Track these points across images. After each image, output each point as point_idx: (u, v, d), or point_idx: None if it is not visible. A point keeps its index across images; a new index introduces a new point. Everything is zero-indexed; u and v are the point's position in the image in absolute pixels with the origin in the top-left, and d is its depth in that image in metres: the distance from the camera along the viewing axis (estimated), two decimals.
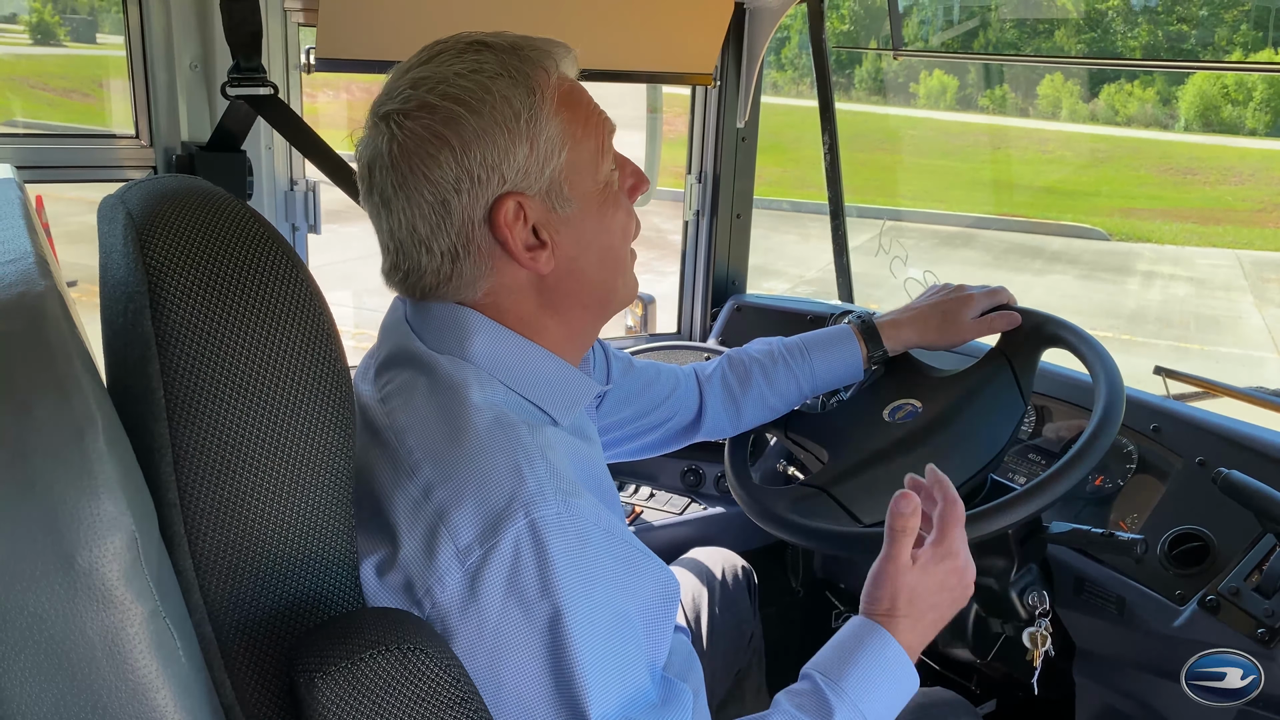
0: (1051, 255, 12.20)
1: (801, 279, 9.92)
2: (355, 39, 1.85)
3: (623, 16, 2.04)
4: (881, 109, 19.18)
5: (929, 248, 12.34)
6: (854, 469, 1.52)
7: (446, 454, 0.94)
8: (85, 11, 14.33)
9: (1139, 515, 1.62)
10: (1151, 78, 18.61)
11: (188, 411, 0.79)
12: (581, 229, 1.05)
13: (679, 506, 2.10)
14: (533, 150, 1.00)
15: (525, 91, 1.00)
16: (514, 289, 1.05)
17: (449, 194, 0.99)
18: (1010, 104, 20.04)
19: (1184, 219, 14.31)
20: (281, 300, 0.83)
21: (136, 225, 0.83)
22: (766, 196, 12.33)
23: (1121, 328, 9.17)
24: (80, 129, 11.61)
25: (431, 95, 0.98)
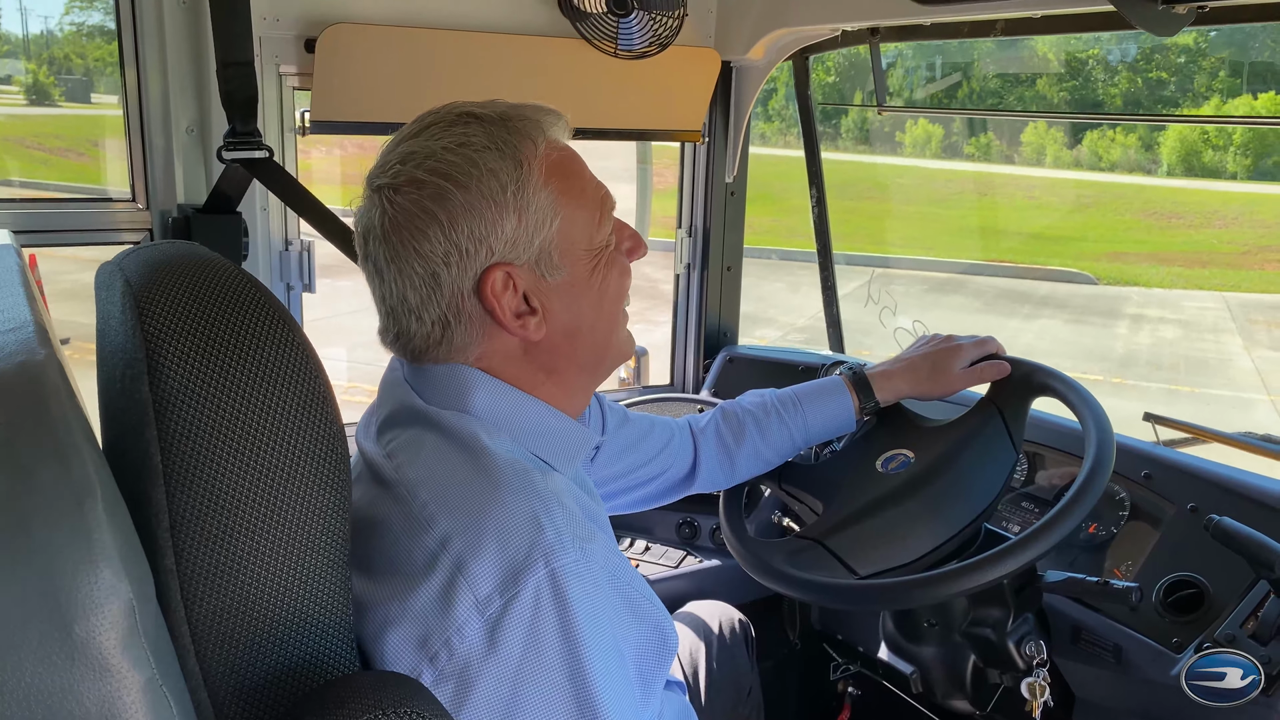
0: (1040, 300, 12.28)
1: (793, 327, 9.96)
2: (348, 102, 1.88)
3: (613, 76, 2.08)
4: (868, 158, 19.41)
5: (918, 294, 12.42)
6: (848, 520, 1.52)
7: (463, 504, 0.94)
8: (80, 72, 14.49)
9: (1133, 562, 1.62)
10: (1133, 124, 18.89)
11: (185, 477, 0.80)
12: (574, 294, 1.07)
13: (675, 559, 2.09)
14: (521, 221, 1.02)
15: (513, 164, 1.01)
16: (505, 354, 1.06)
17: (438, 267, 1.00)
18: (995, 151, 20.30)
19: (1170, 262, 14.43)
20: (278, 366, 0.84)
21: (134, 293, 0.85)
22: (757, 246, 12.42)
23: (1112, 371, 9.21)
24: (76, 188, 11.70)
25: (420, 171, 1.00)
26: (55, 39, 14.47)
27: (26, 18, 15.02)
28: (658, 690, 1.07)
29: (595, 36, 1.94)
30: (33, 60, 14.12)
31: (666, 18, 1.94)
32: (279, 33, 1.82)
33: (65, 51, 14.21)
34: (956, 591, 1.35)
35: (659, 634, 1.03)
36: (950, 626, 1.60)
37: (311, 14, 1.83)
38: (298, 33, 1.84)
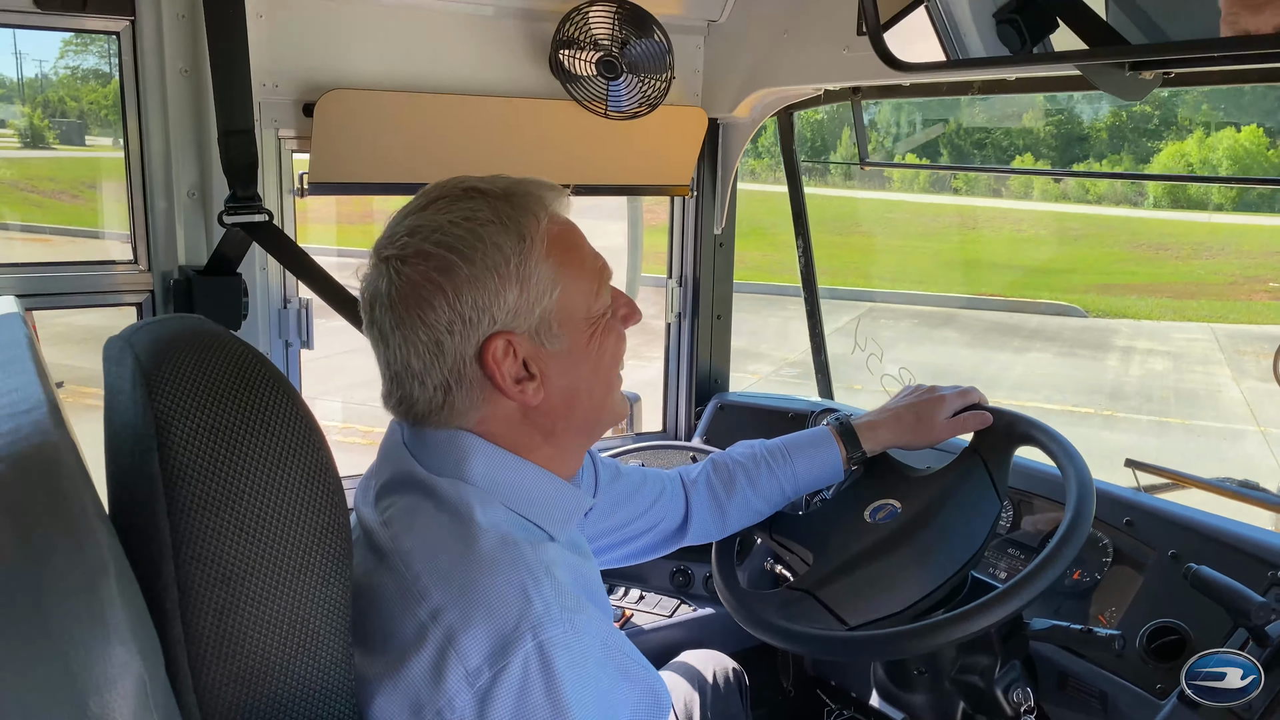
0: (1030, 333, 12.36)
1: (785, 361, 10.02)
2: (345, 164, 1.93)
3: (604, 135, 2.14)
4: (858, 193, 19.57)
5: (909, 328, 12.50)
6: (838, 571, 1.55)
7: (454, 577, 0.97)
8: (74, 115, 14.57)
9: (1117, 608, 1.65)
10: (1119, 157, 19.09)
11: (193, 550, 0.83)
12: (571, 361, 1.11)
13: (669, 608, 2.12)
14: (523, 292, 1.06)
15: (516, 238, 1.06)
16: (504, 418, 1.10)
17: (442, 334, 1.05)
18: (983, 185, 20.49)
19: (1158, 294, 14.55)
20: (282, 441, 0.87)
21: (144, 369, 0.88)
22: (748, 281, 12.51)
23: (1103, 404, 9.25)
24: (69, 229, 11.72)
25: (427, 244, 1.05)
26: (50, 82, 14.56)
27: (21, 62, 15.13)
28: None
29: (586, 98, 2.00)
30: (27, 104, 14.20)
31: (655, 80, 2.00)
32: (278, 98, 1.87)
33: (60, 95, 14.30)
34: (944, 641, 1.38)
35: (652, 696, 1.05)
36: (940, 674, 1.62)
37: (310, 80, 1.88)
38: (296, 98, 1.89)
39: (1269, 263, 15.70)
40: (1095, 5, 1.55)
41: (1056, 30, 1.67)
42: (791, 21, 2.08)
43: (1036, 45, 1.67)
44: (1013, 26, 1.67)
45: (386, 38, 1.95)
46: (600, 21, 1.95)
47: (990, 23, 1.70)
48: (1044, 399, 9.34)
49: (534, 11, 2.06)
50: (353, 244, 11.41)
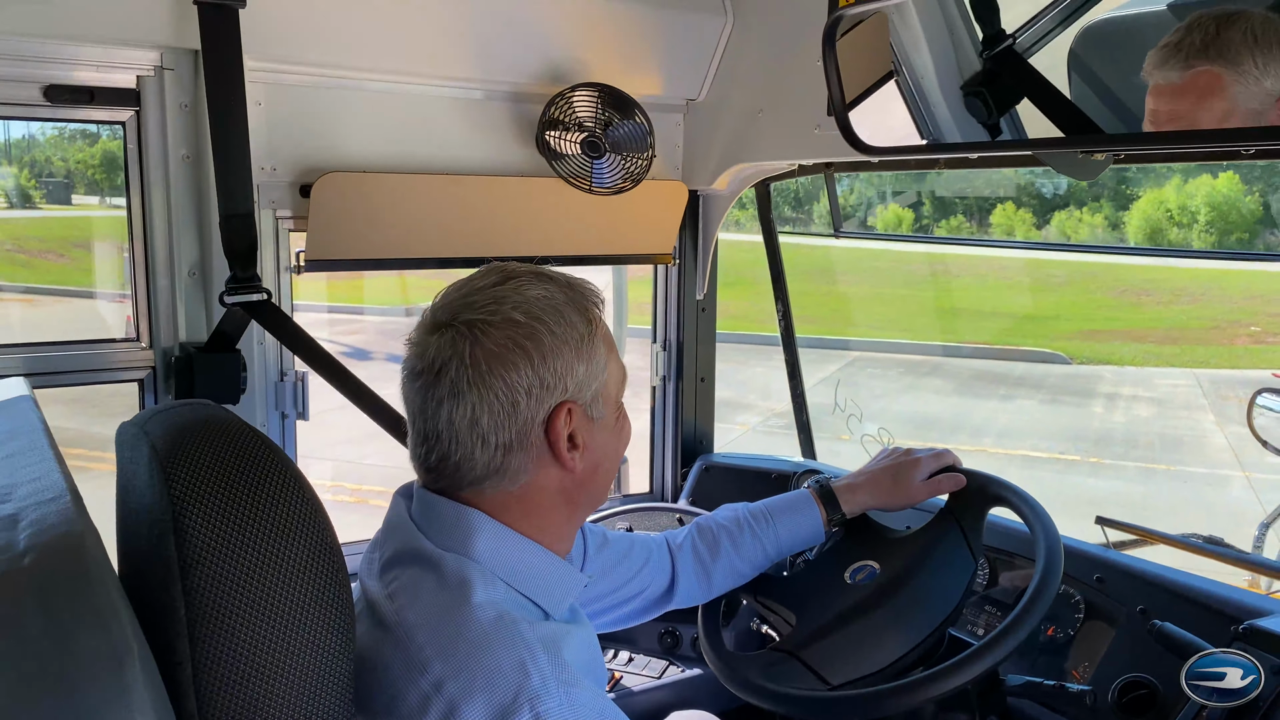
0: (1015, 381, 12.46)
1: (772, 411, 10.07)
2: (341, 242, 2.01)
3: (590, 209, 2.23)
4: (843, 241, 19.77)
5: (896, 377, 12.58)
6: (819, 632, 1.61)
7: (455, 650, 1.03)
8: (61, 175, 14.62)
9: (1090, 663, 1.71)
10: (1099, 204, 19.36)
11: (207, 628, 0.89)
12: (604, 437, 1.23)
13: (658, 669, 2.16)
14: (588, 368, 1.18)
15: (585, 321, 1.18)
16: (545, 484, 1.19)
17: (520, 395, 1.13)
18: (966, 232, 20.72)
19: (1142, 340, 14.69)
20: (290, 523, 0.94)
21: (160, 456, 0.95)
22: (734, 331, 12.60)
23: (1089, 451, 9.32)
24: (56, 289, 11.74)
25: (516, 312, 1.14)
26: (37, 143, 14.64)
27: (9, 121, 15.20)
28: None
29: (572, 176, 2.09)
30: (14, 164, 14.27)
31: (637, 158, 2.10)
32: (276, 180, 1.96)
33: (46, 154, 14.37)
34: (922, 699, 1.43)
35: None
36: None
37: (306, 163, 1.97)
38: (293, 180, 1.97)
39: (1250, 307, 15.86)
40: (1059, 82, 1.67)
41: (1020, 103, 1.79)
42: (766, 101, 2.19)
43: (1002, 117, 1.78)
44: (979, 99, 1.78)
45: (380, 121, 2.04)
46: (584, 105, 2.05)
47: (958, 96, 1.81)
48: (1030, 446, 9.42)
49: (521, 95, 2.16)
50: (342, 300, 11.49)
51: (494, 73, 2.10)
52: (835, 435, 2.89)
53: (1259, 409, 3.02)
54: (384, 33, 1.94)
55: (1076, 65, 1.65)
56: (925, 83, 1.82)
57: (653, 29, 2.20)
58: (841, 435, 2.62)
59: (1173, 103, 1.34)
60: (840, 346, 13.76)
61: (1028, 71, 1.71)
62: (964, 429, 10.01)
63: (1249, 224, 16.88)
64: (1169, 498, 7.99)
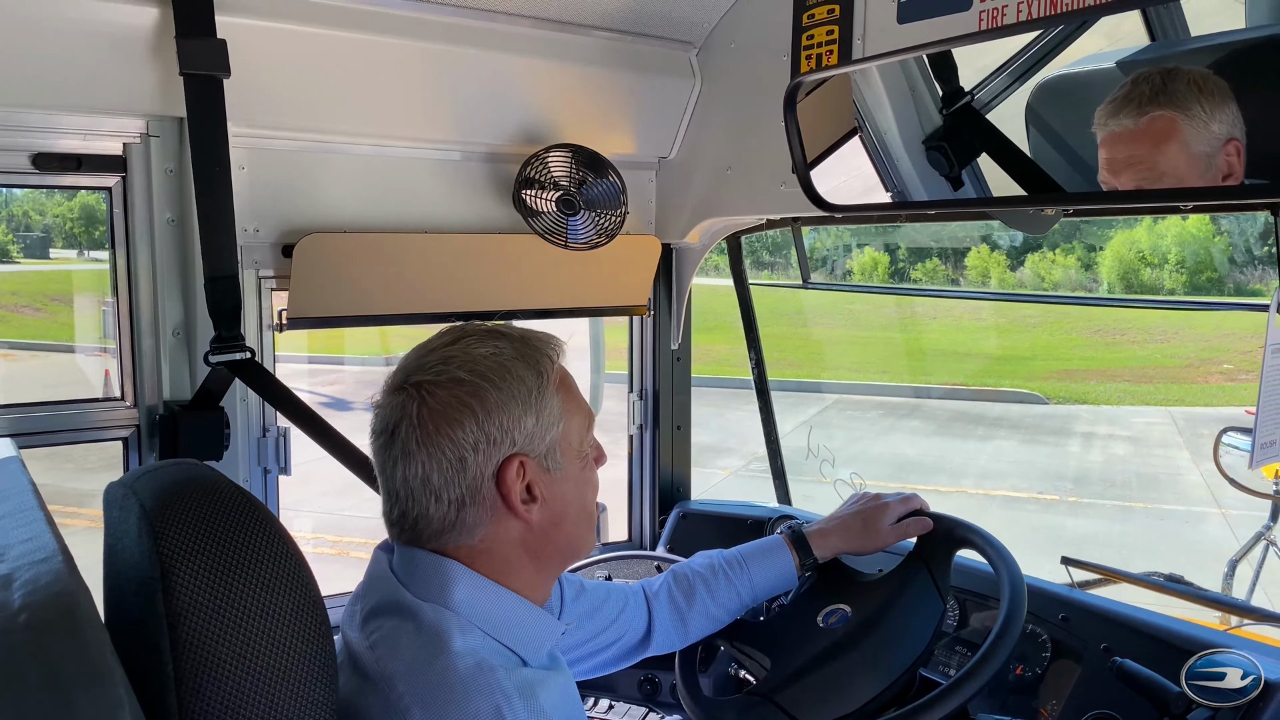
0: (993, 421, 12.57)
1: (754, 455, 10.10)
2: (322, 300, 2.06)
3: (565, 263, 2.29)
4: (820, 286, 19.93)
5: (876, 419, 12.67)
6: (794, 675, 1.64)
7: (434, 698, 1.07)
8: (39, 229, 14.58)
9: (1058, 701, 1.75)
10: (1072, 245, 19.65)
11: (195, 682, 0.93)
12: (565, 489, 1.26)
13: (638, 716, 2.18)
14: (538, 420, 1.21)
15: (535, 374, 1.22)
16: (505, 537, 1.23)
17: (467, 452, 1.18)
18: (941, 275, 20.95)
19: (1117, 379, 14.85)
20: (276, 578, 0.98)
21: (149, 516, 0.99)
22: (717, 375, 12.66)
23: (1068, 490, 9.40)
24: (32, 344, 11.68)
25: (461, 370, 1.19)
26: (14, 197, 14.61)
27: None
28: None
29: (548, 232, 2.15)
30: None
31: (611, 215, 2.16)
32: (259, 241, 2.00)
33: (24, 209, 14.34)
34: None
35: None
36: None
37: (288, 225, 2.02)
38: (275, 240, 2.02)
39: (1222, 344, 16.06)
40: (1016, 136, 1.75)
41: (979, 157, 1.87)
42: (734, 159, 2.27)
43: (964, 170, 1.85)
44: (941, 154, 1.86)
45: (360, 183, 2.10)
46: (559, 164, 2.11)
47: (921, 151, 1.89)
48: (1010, 487, 9.49)
49: (498, 155, 2.22)
50: (322, 351, 11.49)
51: (471, 134, 2.17)
52: (814, 478, 2.94)
53: (1225, 447, 3.10)
54: (363, 99, 2.00)
55: (1034, 119, 1.73)
56: (889, 138, 1.90)
57: (625, 91, 2.28)
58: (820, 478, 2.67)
59: (1130, 148, 1.41)
60: (820, 390, 13.86)
61: (985, 127, 1.79)
62: (944, 470, 10.08)
63: (1219, 263, 17.15)
64: (1147, 535, 8.06)
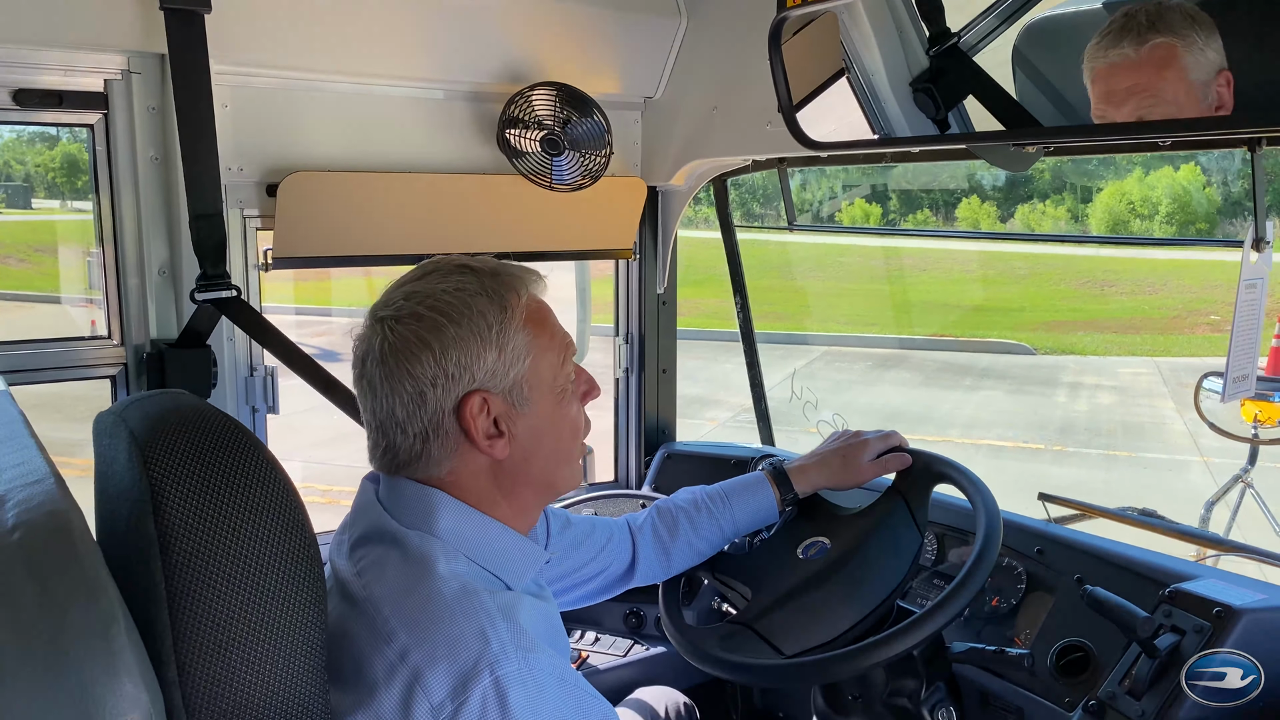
0: (981, 372, 12.64)
1: (742, 407, 10.15)
2: (307, 240, 2.06)
3: (550, 205, 2.29)
4: (811, 238, 19.90)
5: (864, 370, 12.73)
6: (774, 605, 1.68)
7: (419, 621, 1.10)
8: (20, 178, 14.42)
9: (1031, 630, 1.80)
10: (1062, 196, 19.65)
11: (186, 601, 0.95)
12: (536, 424, 1.27)
13: (623, 648, 2.23)
14: (500, 356, 1.22)
15: (499, 309, 1.22)
16: (473, 471, 1.24)
17: (426, 387, 1.19)
18: (932, 227, 20.93)
19: (1104, 329, 14.92)
20: (263, 501, 1.00)
21: (139, 442, 1.00)
22: (705, 328, 12.67)
23: (1053, 439, 9.47)
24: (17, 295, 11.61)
25: (421, 306, 1.20)
26: None
27: None
28: None
29: (532, 173, 2.15)
30: None
31: (595, 155, 2.16)
32: (243, 180, 2.00)
33: (5, 159, 14.17)
34: (870, 664, 1.51)
35: None
36: (872, 698, 1.75)
37: (273, 163, 2.02)
38: (259, 180, 2.02)
39: (1210, 296, 16.13)
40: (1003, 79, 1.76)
41: (966, 99, 1.87)
42: (720, 99, 2.27)
43: (949, 112, 1.86)
44: (927, 95, 1.86)
45: (343, 122, 2.10)
46: (543, 103, 2.11)
47: (906, 93, 1.89)
48: (996, 436, 9.56)
49: (481, 94, 2.21)
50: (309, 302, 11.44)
51: (454, 73, 2.16)
52: (801, 429, 2.98)
53: (1205, 392, 3.14)
54: (346, 35, 1.99)
55: (1020, 61, 1.74)
56: (875, 79, 1.90)
57: (609, 29, 2.27)
58: (807, 429, 2.71)
59: (1131, 77, 1.42)
60: (809, 342, 13.89)
61: (972, 68, 1.80)
62: (931, 420, 10.15)
63: (1208, 214, 17.17)
64: (1131, 483, 8.15)
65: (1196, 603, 1.55)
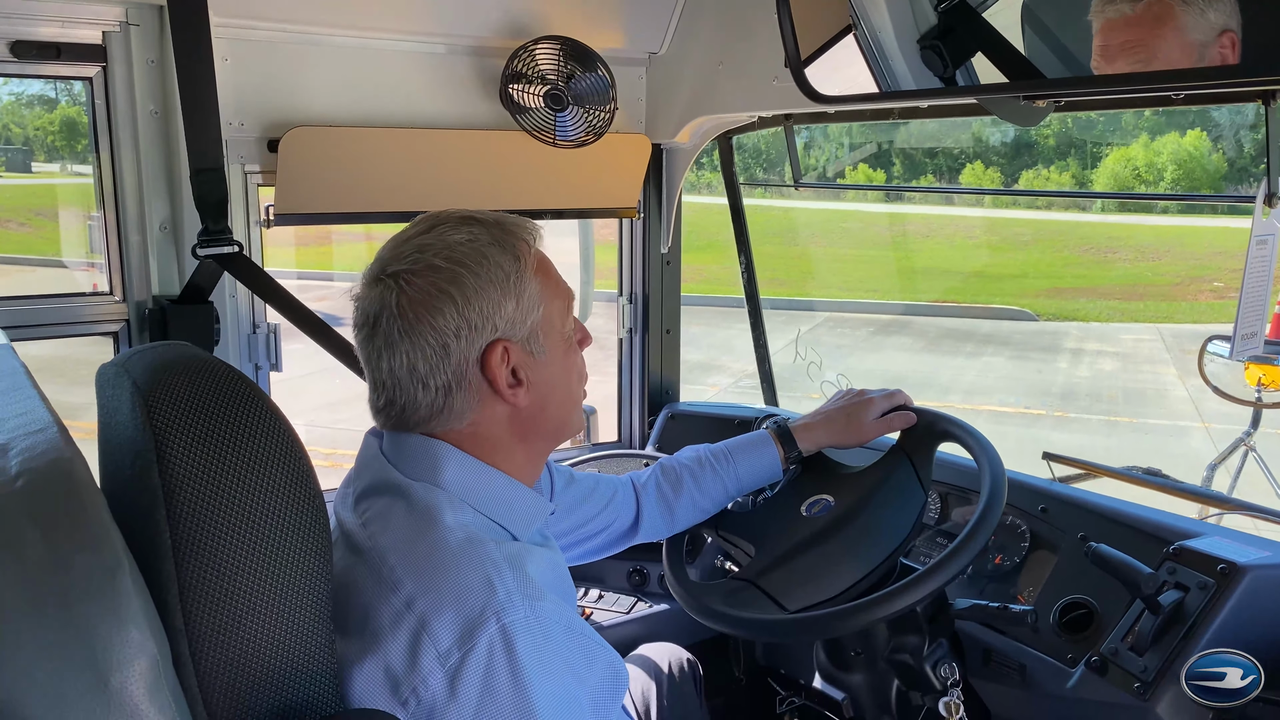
0: (983, 338, 12.63)
1: (744, 373, 10.15)
2: (308, 196, 2.04)
3: (554, 162, 2.27)
4: (814, 204, 19.83)
5: (866, 336, 12.72)
6: (777, 561, 1.68)
7: (425, 570, 1.10)
8: (19, 141, 14.31)
9: (1035, 588, 1.80)
10: (1066, 163, 19.51)
11: (191, 551, 0.94)
12: (551, 371, 1.27)
13: (626, 606, 2.24)
14: (518, 305, 1.22)
15: (512, 257, 1.22)
16: (493, 420, 1.24)
17: (449, 338, 1.19)
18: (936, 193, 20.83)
19: (1107, 296, 14.89)
20: (267, 452, 0.99)
21: (142, 393, 0.99)
22: (708, 294, 12.66)
23: (1055, 405, 9.49)
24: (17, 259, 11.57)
25: (437, 259, 1.19)
26: None
27: None
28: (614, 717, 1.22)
29: (535, 129, 2.13)
30: None
31: (600, 111, 2.14)
32: (244, 135, 1.98)
33: (4, 121, 14.06)
34: (872, 619, 1.51)
35: (611, 670, 1.18)
36: (874, 654, 1.76)
37: (274, 118, 2.00)
38: (260, 135, 2.00)
39: (1213, 263, 16.08)
40: (1012, 37, 1.73)
41: (974, 56, 1.85)
42: (726, 54, 2.24)
43: (958, 71, 1.83)
44: (935, 52, 1.84)
45: (345, 76, 2.07)
46: (547, 58, 2.08)
47: (914, 49, 1.86)
48: (997, 402, 9.57)
49: (484, 49, 2.19)
50: (311, 266, 11.42)
51: (456, 26, 2.13)
52: (805, 393, 2.97)
53: (1209, 355, 3.13)
54: None
55: (1029, 18, 1.71)
56: (883, 36, 1.87)
57: None
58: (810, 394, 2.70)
59: (1125, 33, 1.39)
60: (811, 308, 13.86)
61: (981, 25, 1.77)
62: (932, 385, 10.15)
63: (1214, 180, 17.07)
64: (1132, 449, 8.17)
65: (1201, 560, 1.56)
